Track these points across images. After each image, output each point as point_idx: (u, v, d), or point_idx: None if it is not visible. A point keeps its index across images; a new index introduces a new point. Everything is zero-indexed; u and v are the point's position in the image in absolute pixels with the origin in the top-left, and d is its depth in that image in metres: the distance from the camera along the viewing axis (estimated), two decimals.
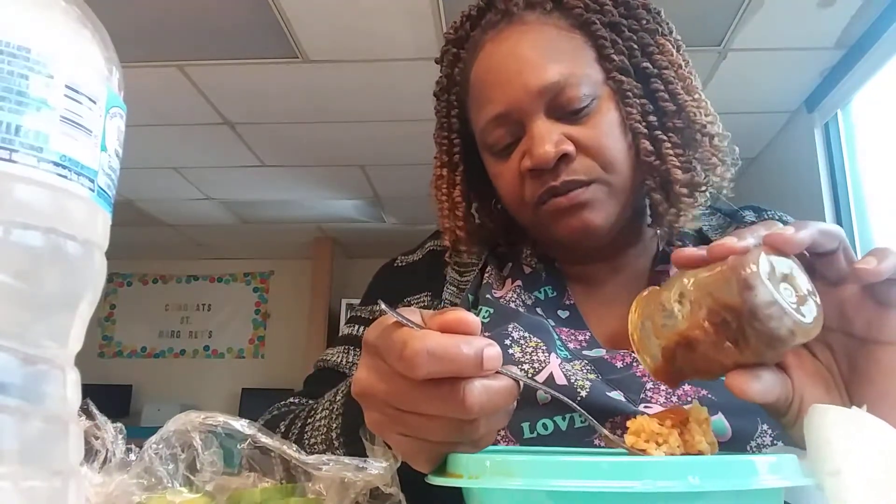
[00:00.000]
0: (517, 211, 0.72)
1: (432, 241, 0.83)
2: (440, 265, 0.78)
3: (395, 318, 0.38)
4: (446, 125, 0.76)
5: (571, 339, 0.69)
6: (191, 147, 3.29)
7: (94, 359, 5.09)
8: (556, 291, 0.74)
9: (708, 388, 0.60)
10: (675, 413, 0.42)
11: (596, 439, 0.58)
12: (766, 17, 2.22)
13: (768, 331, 0.37)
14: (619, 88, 0.67)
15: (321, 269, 4.94)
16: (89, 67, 0.30)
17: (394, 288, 0.79)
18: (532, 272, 0.75)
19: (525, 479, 0.32)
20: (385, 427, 0.40)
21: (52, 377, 0.29)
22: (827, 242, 0.41)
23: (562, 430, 0.59)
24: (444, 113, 0.77)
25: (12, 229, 0.27)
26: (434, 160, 0.78)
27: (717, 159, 0.68)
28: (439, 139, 0.77)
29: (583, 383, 0.61)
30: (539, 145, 0.64)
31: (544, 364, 0.62)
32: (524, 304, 0.71)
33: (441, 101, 0.78)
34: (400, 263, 0.83)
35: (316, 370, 0.79)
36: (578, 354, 0.66)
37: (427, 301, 0.76)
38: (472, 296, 0.73)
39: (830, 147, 2.72)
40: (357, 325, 0.79)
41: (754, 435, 0.57)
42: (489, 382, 0.37)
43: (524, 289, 0.73)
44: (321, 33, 2.30)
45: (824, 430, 0.36)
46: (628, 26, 0.69)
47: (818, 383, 0.43)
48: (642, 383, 0.62)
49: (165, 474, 0.40)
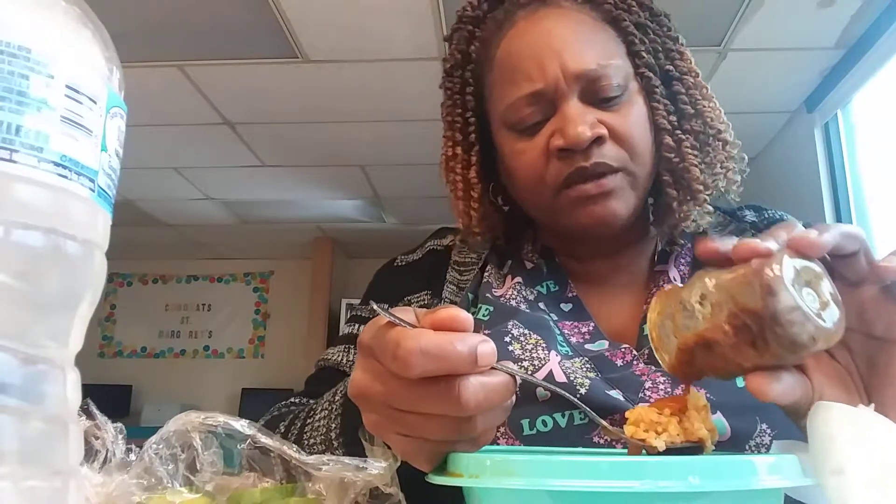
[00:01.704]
0: (534, 192, 0.69)
1: (433, 241, 0.82)
2: (440, 265, 0.78)
3: (388, 319, 0.38)
4: (460, 102, 0.75)
5: (574, 332, 0.69)
6: (191, 147, 3.29)
7: (94, 359, 5.09)
8: (559, 286, 0.74)
9: (707, 387, 0.60)
10: (673, 401, 0.42)
11: (595, 436, 0.58)
12: (766, 17, 2.22)
13: (790, 336, 0.36)
14: (647, 84, 0.68)
15: (321, 269, 4.94)
16: (90, 67, 0.30)
17: (394, 287, 0.79)
18: (533, 267, 0.75)
19: (525, 479, 0.32)
20: (383, 427, 0.40)
21: (52, 377, 0.29)
22: (849, 244, 0.41)
23: (561, 427, 0.59)
24: (458, 90, 0.75)
25: (12, 229, 0.27)
26: (444, 139, 0.76)
27: (729, 164, 0.70)
28: (451, 117, 0.75)
29: (582, 381, 0.61)
30: (574, 125, 0.64)
31: (544, 361, 0.62)
32: (525, 300, 0.71)
33: (454, 79, 0.76)
34: (400, 263, 0.83)
35: (317, 370, 0.79)
36: (580, 349, 0.66)
37: (427, 299, 0.76)
38: (472, 294, 0.73)
39: (830, 147, 2.72)
40: (357, 324, 0.79)
41: (753, 434, 0.58)
42: (484, 379, 0.37)
43: (525, 285, 0.72)
44: (321, 33, 2.30)
45: (828, 428, 0.36)
46: (653, 29, 0.71)
47: (837, 384, 0.43)
48: (641, 382, 0.62)
49: (165, 474, 0.40)
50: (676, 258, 0.74)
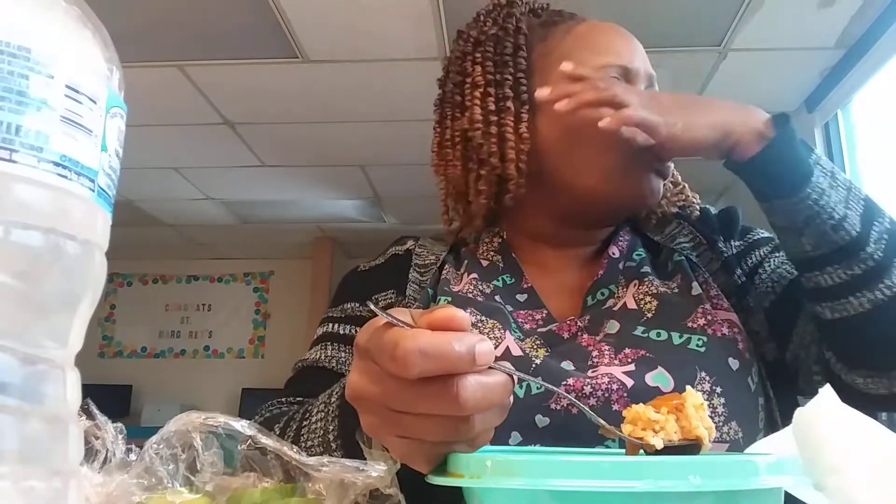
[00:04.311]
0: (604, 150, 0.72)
1: (394, 248, 0.87)
2: (403, 267, 0.82)
3: (385, 320, 0.38)
4: (511, 64, 0.77)
5: (528, 319, 0.74)
6: (191, 147, 3.29)
7: (94, 359, 5.09)
8: (514, 278, 0.78)
9: (646, 348, 0.65)
10: (670, 399, 0.42)
11: (552, 403, 0.62)
12: (766, 17, 2.22)
13: None
14: None
15: (321, 269, 4.94)
16: (89, 67, 0.30)
17: (360, 289, 0.83)
18: (489, 264, 0.79)
19: (526, 479, 0.32)
20: (381, 429, 0.40)
21: (52, 377, 0.29)
22: None
23: (519, 397, 0.62)
24: (511, 52, 0.78)
25: (12, 229, 0.27)
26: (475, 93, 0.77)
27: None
28: (502, 77, 0.77)
29: (536, 353, 0.67)
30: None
31: (500, 340, 0.67)
32: (482, 294, 0.75)
33: (505, 44, 0.78)
34: (364, 268, 0.87)
35: (296, 371, 0.80)
36: (532, 333, 0.71)
37: (392, 297, 0.80)
38: (432, 290, 0.77)
39: (830, 147, 2.72)
40: (329, 323, 0.82)
41: (694, 382, 0.62)
42: (482, 378, 0.37)
43: (481, 280, 0.76)
44: (321, 33, 2.30)
45: (818, 430, 0.36)
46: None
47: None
48: (588, 352, 0.67)
49: (165, 474, 0.40)
50: (616, 239, 0.80)
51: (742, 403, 0.64)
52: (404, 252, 0.84)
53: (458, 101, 0.80)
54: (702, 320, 0.67)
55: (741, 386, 0.65)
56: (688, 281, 0.72)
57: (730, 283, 0.75)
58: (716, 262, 0.77)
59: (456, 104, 0.80)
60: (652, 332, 0.67)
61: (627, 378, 0.62)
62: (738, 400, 0.63)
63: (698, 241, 0.80)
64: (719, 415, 0.61)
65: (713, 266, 0.77)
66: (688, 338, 0.66)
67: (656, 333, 0.67)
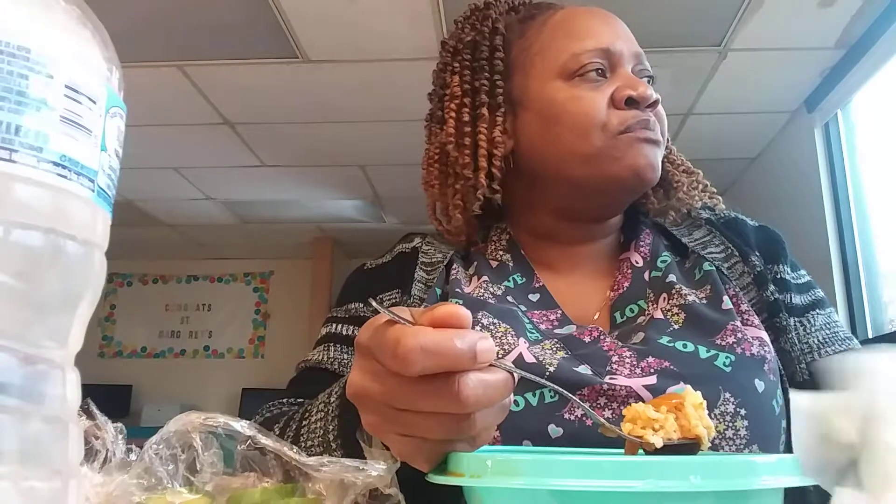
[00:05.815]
0: (586, 135, 0.71)
1: (401, 245, 0.85)
2: (409, 266, 0.80)
3: (386, 318, 0.38)
4: (487, 68, 0.77)
5: (543, 319, 0.72)
6: (191, 147, 3.29)
7: (94, 359, 5.09)
8: (525, 277, 0.77)
9: (671, 359, 0.63)
10: (670, 399, 0.42)
11: (566, 412, 0.60)
12: (766, 17, 2.22)
13: None
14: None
15: (321, 269, 4.94)
16: (89, 67, 0.30)
17: (365, 288, 0.81)
18: (499, 265, 0.77)
19: (527, 479, 0.32)
20: (382, 428, 0.40)
21: (52, 377, 0.29)
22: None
23: (533, 405, 0.61)
24: (486, 56, 0.77)
25: (12, 229, 0.27)
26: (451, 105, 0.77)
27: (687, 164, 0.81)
28: (479, 83, 0.77)
29: (551, 361, 0.63)
30: (643, 85, 0.71)
31: (513, 346, 0.65)
32: (494, 296, 0.73)
33: (482, 48, 0.78)
34: (370, 266, 0.85)
35: (299, 372, 0.79)
36: (550, 334, 0.69)
37: (397, 297, 0.78)
38: (440, 290, 0.76)
39: (830, 147, 2.72)
40: (333, 324, 0.81)
41: (717, 403, 0.60)
42: (484, 376, 0.37)
43: (492, 282, 0.75)
44: (321, 33, 2.30)
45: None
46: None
47: None
48: (608, 357, 0.65)
49: (165, 475, 0.40)
50: (637, 244, 0.78)
51: (765, 427, 0.62)
52: (411, 250, 0.82)
53: (438, 116, 0.80)
54: (731, 338, 0.65)
55: (766, 408, 0.63)
56: (718, 294, 0.70)
57: (762, 299, 0.73)
58: (747, 276, 0.75)
59: (436, 119, 0.81)
60: (678, 343, 0.65)
61: (646, 392, 0.60)
62: (761, 423, 0.62)
63: (730, 253, 0.77)
64: (741, 437, 0.60)
65: (744, 280, 0.75)
66: (715, 354, 0.64)
67: (682, 344, 0.65)
